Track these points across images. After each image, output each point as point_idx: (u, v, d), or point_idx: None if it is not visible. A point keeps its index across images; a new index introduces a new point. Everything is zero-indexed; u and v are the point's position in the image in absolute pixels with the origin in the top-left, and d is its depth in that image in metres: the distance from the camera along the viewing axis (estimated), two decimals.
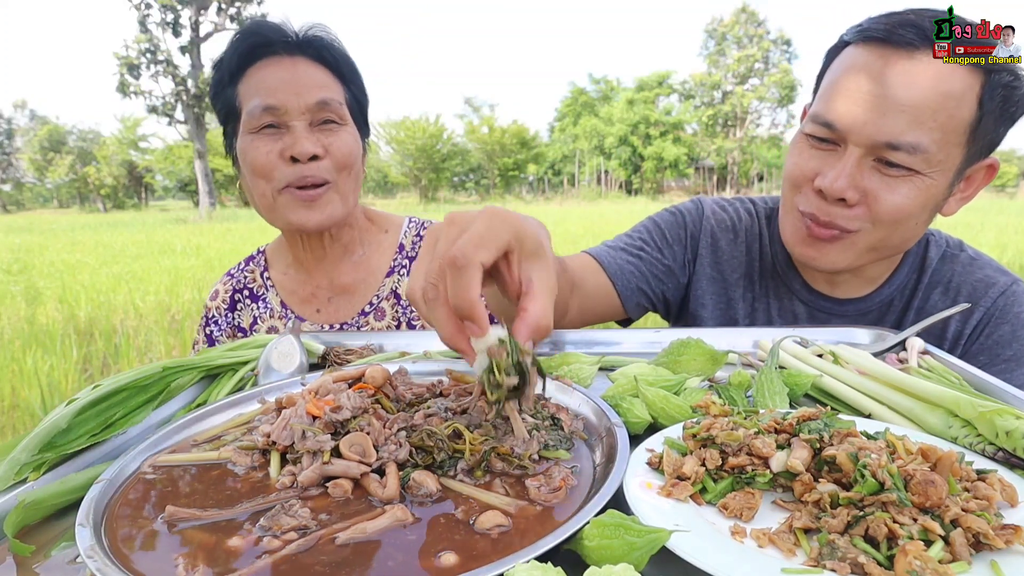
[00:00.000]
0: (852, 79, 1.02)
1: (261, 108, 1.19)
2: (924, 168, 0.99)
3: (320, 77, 1.24)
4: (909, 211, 1.03)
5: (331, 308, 1.40)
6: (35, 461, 0.66)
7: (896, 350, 0.99)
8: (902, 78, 0.97)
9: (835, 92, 1.04)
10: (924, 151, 0.97)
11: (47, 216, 35.74)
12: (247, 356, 0.97)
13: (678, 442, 0.64)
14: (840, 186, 1.01)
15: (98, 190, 48.74)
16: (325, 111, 1.22)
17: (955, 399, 0.67)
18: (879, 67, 0.99)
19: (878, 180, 1.01)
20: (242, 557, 0.49)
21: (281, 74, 1.21)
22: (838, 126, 1.02)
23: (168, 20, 28.57)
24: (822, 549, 0.47)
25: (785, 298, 1.28)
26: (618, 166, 50.32)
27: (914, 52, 0.97)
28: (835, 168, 1.03)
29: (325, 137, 1.23)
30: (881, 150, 0.99)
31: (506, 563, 0.44)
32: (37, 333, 4.89)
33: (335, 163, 1.24)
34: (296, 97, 1.20)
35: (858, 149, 1.01)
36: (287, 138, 1.21)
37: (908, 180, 1.01)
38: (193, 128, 29.95)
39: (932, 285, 1.22)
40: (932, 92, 0.95)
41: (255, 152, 1.22)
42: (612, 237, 1.38)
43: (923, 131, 0.96)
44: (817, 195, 1.07)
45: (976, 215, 16.41)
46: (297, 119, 1.21)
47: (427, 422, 0.67)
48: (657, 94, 49.72)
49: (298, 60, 1.23)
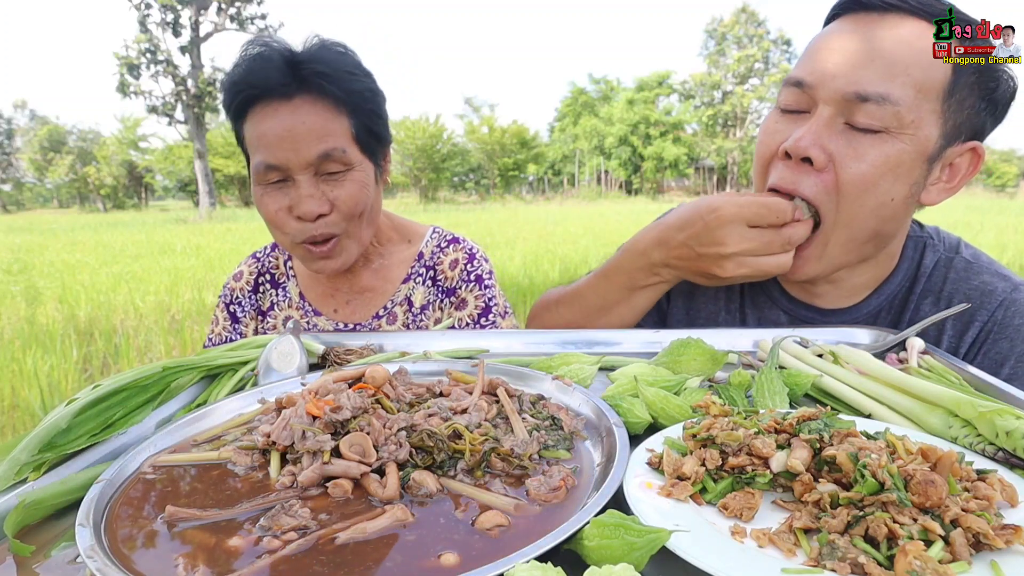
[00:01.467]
0: (824, 41, 1.01)
1: (264, 166, 1.18)
2: (894, 126, 0.93)
3: (321, 123, 1.17)
4: (875, 178, 0.95)
5: (348, 309, 1.42)
6: (35, 461, 0.66)
7: (896, 350, 0.99)
8: (875, 32, 0.95)
9: (807, 54, 1.02)
10: (894, 103, 0.92)
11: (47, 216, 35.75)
12: (247, 356, 0.97)
13: (678, 442, 0.64)
14: (805, 143, 0.96)
15: (98, 190, 48.74)
16: (328, 163, 1.19)
17: (955, 399, 0.67)
18: (849, 27, 0.98)
19: (845, 144, 0.96)
20: (242, 557, 0.49)
21: (277, 128, 1.16)
22: (808, 80, 0.98)
23: (168, 20, 28.56)
24: (822, 549, 0.47)
25: (766, 307, 1.23)
26: (618, 166, 50.31)
27: (886, 13, 0.96)
28: (802, 128, 0.98)
29: (331, 189, 1.20)
30: (851, 104, 0.94)
31: (506, 563, 0.44)
32: (37, 333, 4.89)
33: (342, 216, 1.22)
34: (295, 153, 1.16)
35: (828, 108, 0.96)
36: (293, 193, 1.20)
37: (877, 144, 0.95)
38: (193, 128, 29.95)
39: (924, 294, 1.12)
40: (904, 46, 0.93)
41: (265, 208, 1.22)
42: (611, 237, 1.37)
43: (894, 84, 0.93)
44: (783, 161, 1.01)
45: (976, 215, 16.43)
46: (300, 173, 1.18)
47: (427, 422, 0.67)
48: (657, 94, 49.70)
49: (296, 104, 1.17)
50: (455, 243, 1.46)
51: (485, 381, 0.79)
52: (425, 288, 1.42)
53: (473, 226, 14.66)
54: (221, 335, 1.46)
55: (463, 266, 1.43)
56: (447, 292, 1.42)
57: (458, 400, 0.75)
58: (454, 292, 1.42)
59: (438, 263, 1.44)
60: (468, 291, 1.41)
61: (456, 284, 1.42)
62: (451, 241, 1.47)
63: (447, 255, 1.44)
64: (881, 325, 1.12)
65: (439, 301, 1.43)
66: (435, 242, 1.47)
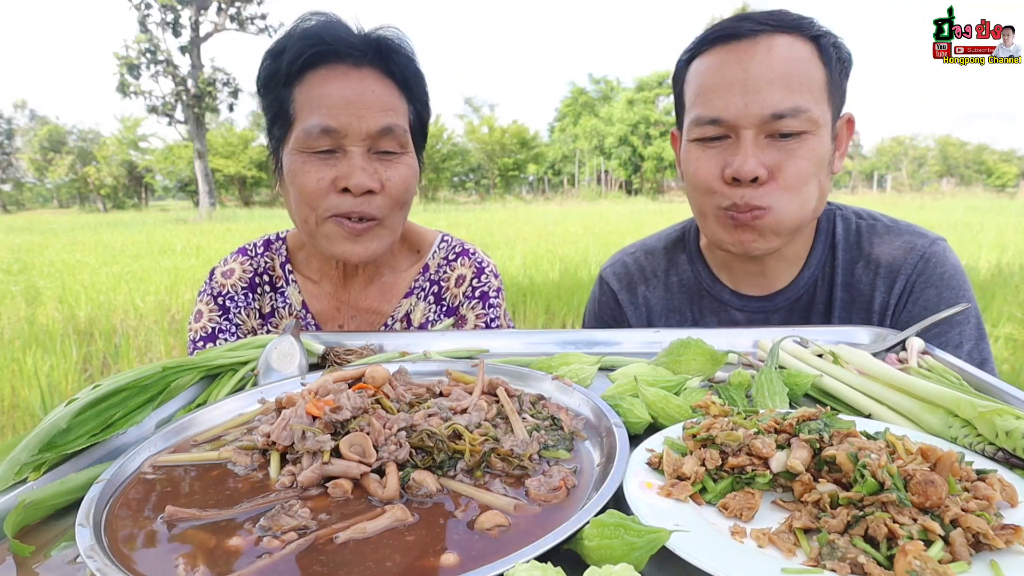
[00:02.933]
0: (716, 75, 1.10)
1: (320, 129, 1.09)
2: (811, 127, 1.07)
3: (386, 96, 1.13)
4: (808, 173, 1.09)
5: (352, 325, 1.36)
6: (35, 461, 0.66)
7: (896, 350, 0.99)
8: (759, 58, 1.07)
9: (707, 92, 1.11)
10: (805, 111, 1.06)
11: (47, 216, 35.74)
12: (247, 356, 0.97)
13: (678, 442, 0.64)
14: (751, 167, 1.07)
15: (98, 190, 48.74)
16: (387, 139, 1.13)
17: (955, 399, 0.67)
18: (734, 58, 1.09)
19: (775, 153, 1.08)
20: (242, 557, 0.49)
21: (345, 91, 1.10)
22: (723, 117, 1.09)
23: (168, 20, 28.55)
24: (822, 549, 0.47)
25: (721, 312, 1.32)
26: (618, 166, 50.31)
27: (756, 36, 1.08)
28: (737, 154, 1.08)
29: (384, 169, 1.14)
30: (770, 124, 1.07)
31: (506, 563, 0.44)
32: (37, 333, 4.89)
33: (390, 199, 1.15)
34: (358, 120, 1.10)
35: (750, 131, 1.08)
36: (342, 165, 1.11)
37: (801, 144, 1.08)
38: (193, 128, 29.94)
39: (852, 260, 1.25)
40: (788, 61, 1.07)
41: (305, 177, 1.12)
42: (611, 237, 1.40)
43: (797, 95, 1.06)
44: (730, 187, 1.11)
45: (976, 215, 16.42)
46: (356, 144, 1.11)
47: (427, 422, 0.67)
48: (657, 94, 49.68)
49: (365, 72, 1.12)
50: (464, 256, 1.38)
51: (485, 381, 0.79)
52: (426, 304, 1.36)
53: (473, 226, 14.65)
54: (207, 328, 1.33)
55: (469, 282, 1.36)
56: (450, 311, 1.36)
57: (458, 400, 0.75)
58: (455, 311, 1.36)
59: (443, 278, 1.37)
60: (470, 308, 1.35)
61: (460, 302, 1.36)
62: (460, 254, 1.39)
63: (454, 270, 1.37)
64: (822, 291, 1.26)
65: (439, 320, 1.36)
66: (443, 254, 1.39)
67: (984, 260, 7.64)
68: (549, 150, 54.92)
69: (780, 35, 1.08)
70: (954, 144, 56.98)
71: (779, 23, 1.08)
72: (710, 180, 1.13)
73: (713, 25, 1.15)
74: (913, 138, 59.89)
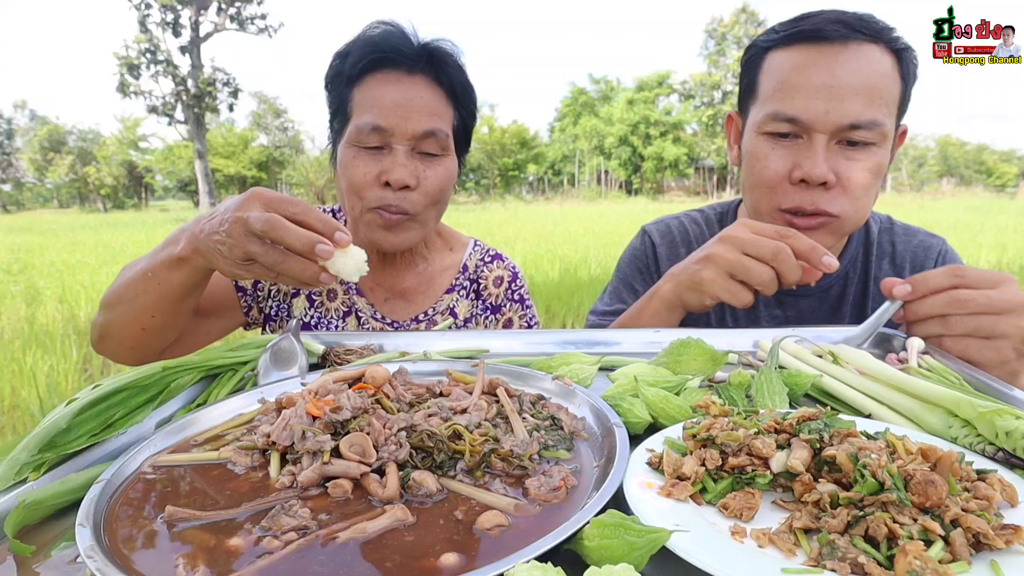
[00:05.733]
0: (801, 75, 1.11)
1: (370, 127, 1.20)
2: (880, 141, 1.11)
3: (433, 102, 1.24)
4: (870, 183, 1.13)
5: (386, 308, 1.43)
6: (35, 461, 0.66)
7: (896, 350, 0.99)
8: (847, 65, 1.08)
9: (789, 89, 1.12)
10: (881, 125, 1.09)
11: (47, 216, 35.73)
12: (247, 356, 0.97)
13: (678, 442, 0.64)
14: (821, 171, 1.09)
15: (98, 190, 48.72)
16: (429, 141, 1.24)
17: (955, 399, 0.67)
18: (823, 61, 1.09)
19: (844, 161, 1.11)
20: (242, 557, 0.49)
21: (396, 94, 1.21)
22: (802, 118, 1.10)
23: (168, 20, 28.56)
24: (822, 549, 0.47)
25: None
26: (618, 166, 50.29)
27: (847, 43, 1.09)
28: (810, 157, 1.10)
29: (424, 168, 1.25)
30: (844, 132, 1.09)
31: (506, 563, 0.44)
32: (37, 333, 4.89)
33: (425, 196, 1.26)
34: (405, 121, 1.21)
35: (823, 136, 1.10)
36: (387, 161, 1.22)
37: (867, 155, 1.11)
38: (193, 128, 29.95)
39: (880, 256, 1.34)
40: (874, 73, 1.08)
41: (355, 170, 1.24)
42: (611, 237, 1.41)
43: (876, 108, 1.08)
44: (796, 188, 1.13)
45: (976, 215, 16.43)
46: (401, 143, 1.22)
47: (427, 422, 0.67)
48: (657, 94, 49.68)
49: (417, 79, 1.23)
50: (499, 260, 1.52)
51: (485, 381, 0.79)
52: (469, 301, 1.47)
53: (473, 226, 14.65)
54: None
55: (507, 284, 1.49)
56: (492, 308, 1.47)
57: (458, 400, 0.75)
58: (499, 310, 1.48)
59: (482, 277, 1.48)
60: (513, 311, 1.48)
61: (501, 302, 1.48)
62: (495, 257, 1.52)
63: (491, 271, 1.49)
64: (852, 284, 1.34)
65: (483, 316, 1.47)
66: (478, 255, 1.51)
67: (984, 260, 7.64)
68: (549, 150, 54.90)
69: (869, 44, 1.09)
70: (954, 144, 57.00)
71: (869, 31, 1.09)
72: (777, 179, 1.15)
73: (798, 19, 1.15)
74: (913, 138, 59.87)
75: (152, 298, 1.03)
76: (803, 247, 0.95)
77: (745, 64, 1.24)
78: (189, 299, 1.07)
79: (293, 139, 47.74)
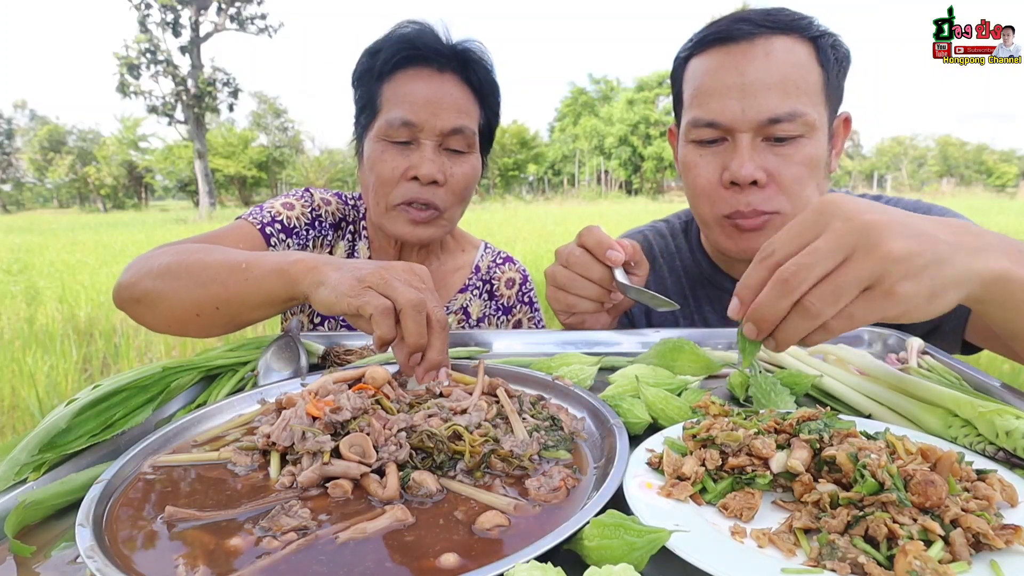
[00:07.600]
0: (712, 79, 1.10)
1: (400, 121, 1.22)
2: (806, 132, 1.08)
3: (461, 100, 1.26)
4: (804, 176, 1.10)
5: None
6: (35, 461, 0.66)
7: (896, 350, 0.99)
8: (756, 61, 1.07)
9: (704, 95, 1.11)
10: (803, 115, 1.06)
11: (47, 216, 35.72)
12: (247, 356, 0.97)
13: (678, 442, 0.64)
14: (748, 170, 1.07)
15: (98, 190, 48.74)
16: (456, 138, 1.25)
17: (955, 399, 0.67)
18: (731, 61, 1.08)
19: (773, 157, 1.09)
20: (242, 557, 0.49)
21: (426, 91, 1.23)
22: (720, 121, 1.09)
23: (168, 20, 28.56)
24: (822, 549, 0.47)
25: (725, 300, 1.32)
26: (618, 166, 50.32)
27: (754, 39, 1.07)
28: (735, 158, 1.09)
29: (450, 164, 1.27)
30: (766, 128, 1.07)
31: (506, 563, 0.44)
32: (37, 333, 4.89)
33: (451, 192, 1.28)
34: (433, 117, 1.22)
35: (746, 135, 1.08)
36: (414, 156, 1.24)
37: (795, 148, 1.08)
38: (193, 128, 29.94)
39: None
40: (786, 64, 1.06)
41: (382, 164, 1.25)
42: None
43: (794, 99, 1.06)
44: (731, 191, 1.12)
45: (976, 215, 16.36)
46: (429, 139, 1.24)
47: (427, 423, 0.67)
48: (657, 94, 49.66)
49: (446, 77, 1.25)
50: (510, 262, 1.54)
51: (485, 381, 0.79)
52: (481, 301, 1.49)
53: (473, 226, 14.55)
54: (290, 219, 1.31)
55: (519, 287, 1.52)
56: (504, 309, 1.50)
57: (458, 401, 0.75)
58: (511, 311, 1.51)
59: (495, 278, 1.51)
60: (522, 313, 1.52)
61: (513, 304, 1.51)
62: (506, 259, 1.54)
63: (504, 273, 1.52)
64: None
65: (495, 316, 1.50)
66: (490, 257, 1.53)
67: None
68: (549, 150, 54.93)
69: (777, 37, 1.07)
70: (954, 144, 57.00)
71: (776, 24, 1.08)
72: (709, 185, 1.14)
73: (710, 24, 1.15)
74: (913, 138, 59.89)
75: (229, 291, 0.93)
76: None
77: (672, 76, 1.24)
78: (263, 311, 0.95)
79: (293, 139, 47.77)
